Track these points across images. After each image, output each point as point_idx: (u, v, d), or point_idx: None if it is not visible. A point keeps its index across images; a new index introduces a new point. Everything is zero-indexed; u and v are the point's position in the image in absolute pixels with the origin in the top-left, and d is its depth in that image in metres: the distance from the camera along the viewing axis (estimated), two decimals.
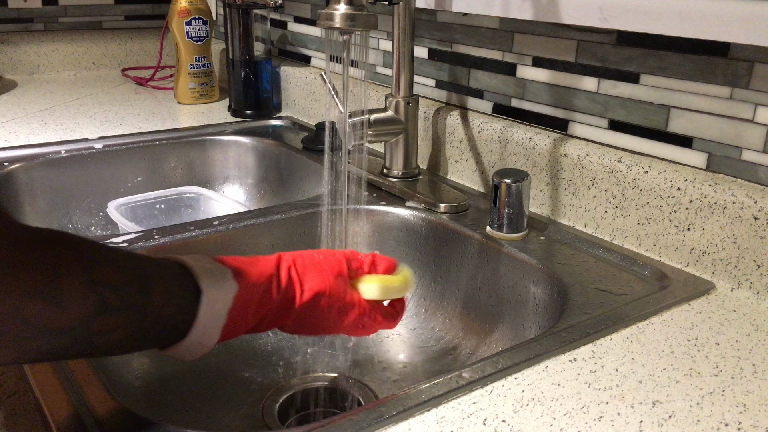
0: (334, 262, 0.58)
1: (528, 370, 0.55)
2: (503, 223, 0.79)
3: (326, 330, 0.58)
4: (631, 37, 0.77)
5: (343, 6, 0.70)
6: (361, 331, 0.60)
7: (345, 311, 0.57)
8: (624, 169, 0.77)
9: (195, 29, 1.38)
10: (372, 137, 0.92)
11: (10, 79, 1.58)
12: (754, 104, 0.68)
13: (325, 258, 0.58)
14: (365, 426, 0.47)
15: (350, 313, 0.57)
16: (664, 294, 0.67)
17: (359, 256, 0.61)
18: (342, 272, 0.57)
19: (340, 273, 0.57)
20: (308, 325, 0.57)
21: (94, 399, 0.49)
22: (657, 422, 0.49)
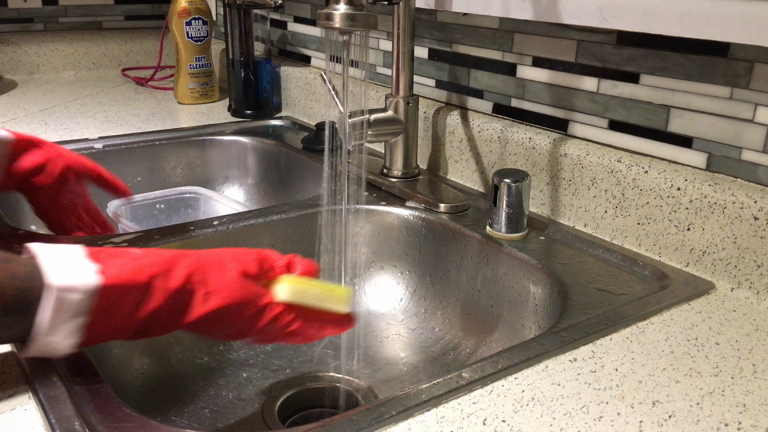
0: (240, 260, 0.54)
1: (528, 370, 0.55)
2: (503, 223, 0.79)
3: (239, 334, 0.55)
4: (631, 37, 0.77)
5: (343, 6, 0.70)
6: (282, 336, 0.56)
7: (257, 314, 0.53)
8: (624, 169, 0.77)
9: (195, 29, 1.38)
10: (372, 137, 0.92)
11: (10, 79, 1.58)
12: (754, 104, 0.68)
13: (232, 256, 0.55)
14: (365, 426, 0.47)
15: (263, 315, 0.54)
16: (664, 294, 0.67)
17: (273, 256, 0.58)
18: (249, 271, 0.54)
19: (247, 272, 0.54)
20: (217, 327, 0.53)
21: (93, 398, 0.49)
22: (657, 422, 0.49)
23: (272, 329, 0.54)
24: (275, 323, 0.54)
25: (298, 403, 0.75)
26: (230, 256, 0.55)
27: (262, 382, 0.76)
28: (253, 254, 0.56)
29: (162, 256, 0.52)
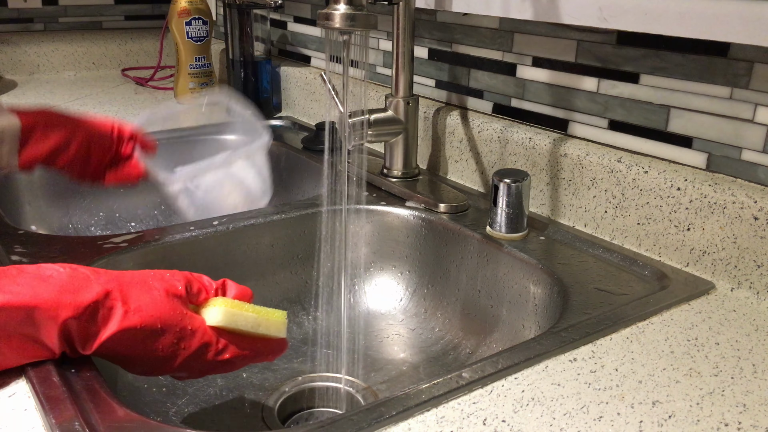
0: (166, 279, 0.50)
1: (528, 370, 0.55)
2: (503, 223, 0.79)
3: (164, 363, 0.50)
4: (631, 37, 0.77)
5: (343, 6, 0.70)
6: (212, 367, 0.51)
7: (183, 338, 0.49)
8: (624, 169, 0.77)
9: (195, 29, 1.38)
10: (372, 137, 0.92)
11: (10, 79, 1.58)
12: (754, 104, 0.68)
13: (156, 275, 0.51)
14: (365, 426, 0.47)
15: (191, 340, 0.49)
16: (664, 294, 0.67)
17: (203, 279, 0.53)
18: (176, 292, 0.50)
19: (174, 293, 0.50)
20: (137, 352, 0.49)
21: (94, 399, 0.49)
22: (657, 422, 0.49)
23: (201, 359, 0.50)
24: (205, 351, 0.50)
25: (298, 403, 0.75)
26: (154, 275, 0.51)
27: (262, 382, 0.76)
28: (181, 274, 0.52)
29: (75, 274, 0.48)
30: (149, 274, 0.51)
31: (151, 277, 0.51)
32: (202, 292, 0.53)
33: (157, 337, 0.49)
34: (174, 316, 0.49)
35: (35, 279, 0.47)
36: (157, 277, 0.51)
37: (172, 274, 0.52)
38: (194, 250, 0.80)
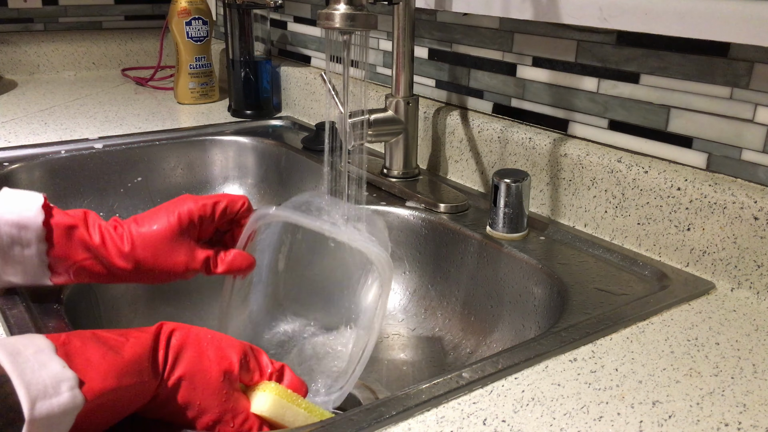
0: (224, 354, 0.49)
1: (528, 370, 0.55)
2: (503, 223, 0.79)
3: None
4: (631, 37, 0.77)
5: (343, 6, 0.70)
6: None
7: (223, 420, 0.48)
8: (624, 169, 0.77)
9: (195, 29, 1.38)
10: (372, 137, 0.92)
11: (10, 79, 1.58)
12: (754, 104, 0.68)
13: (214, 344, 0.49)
14: (365, 426, 0.47)
15: (230, 423, 0.48)
16: (664, 294, 0.67)
17: (262, 358, 0.51)
18: (229, 369, 0.48)
19: (227, 369, 0.48)
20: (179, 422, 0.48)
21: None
22: (657, 422, 0.49)
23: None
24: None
25: None
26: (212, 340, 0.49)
27: None
28: (240, 347, 0.50)
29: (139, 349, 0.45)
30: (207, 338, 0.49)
31: (209, 342, 0.49)
32: (256, 372, 0.51)
33: (200, 415, 0.48)
34: (220, 396, 0.48)
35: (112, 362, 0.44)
36: (215, 344, 0.49)
37: (231, 346, 0.49)
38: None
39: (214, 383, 0.48)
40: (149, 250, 0.59)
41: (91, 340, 0.43)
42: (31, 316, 0.60)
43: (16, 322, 0.59)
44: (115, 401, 0.43)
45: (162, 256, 0.60)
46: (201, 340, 0.49)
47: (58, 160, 1.07)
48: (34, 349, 0.40)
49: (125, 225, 0.60)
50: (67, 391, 0.39)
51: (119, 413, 0.45)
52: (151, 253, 0.59)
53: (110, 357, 0.42)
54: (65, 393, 0.39)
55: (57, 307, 0.62)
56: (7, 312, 0.60)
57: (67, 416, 0.39)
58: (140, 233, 0.60)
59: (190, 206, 0.61)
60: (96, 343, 0.43)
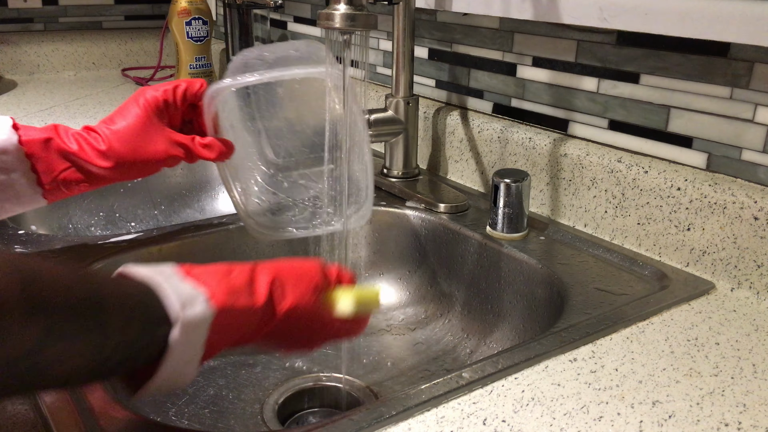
0: (311, 274, 0.53)
1: (528, 370, 0.55)
2: (503, 223, 0.79)
3: (300, 347, 0.55)
4: (631, 37, 0.77)
5: (343, 6, 0.70)
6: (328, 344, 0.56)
7: (321, 327, 0.54)
8: (624, 169, 0.77)
9: (195, 29, 1.38)
10: (372, 137, 0.92)
11: (10, 79, 1.58)
12: (754, 104, 0.68)
13: (303, 270, 0.53)
14: (365, 426, 0.47)
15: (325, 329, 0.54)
16: (664, 294, 0.67)
17: (329, 267, 0.56)
18: (319, 286, 0.53)
19: (317, 287, 0.53)
20: (283, 342, 0.53)
21: (94, 399, 0.49)
22: (657, 422, 0.49)
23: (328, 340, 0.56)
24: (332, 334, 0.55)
25: (297, 403, 0.75)
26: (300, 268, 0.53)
27: (262, 382, 0.76)
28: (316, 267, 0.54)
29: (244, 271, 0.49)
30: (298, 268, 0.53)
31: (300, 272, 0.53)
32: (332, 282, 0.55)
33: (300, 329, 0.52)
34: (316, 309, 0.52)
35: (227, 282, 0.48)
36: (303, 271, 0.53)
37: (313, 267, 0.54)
38: (194, 251, 0.80)
39: (313, 306, 0.52)
40: (126, 144, 0.61)
41: (206, 269, 0.47)
42: None
43: None
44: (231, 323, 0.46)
45: (140, 146, 0.61)
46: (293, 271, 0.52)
47: None
48: (169, 271, 0.45)
49: (97, 128, 0.62)
50: (202, 303, 0.44)
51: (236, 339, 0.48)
52: (129, 146, 0.61)
53: (224, 282, 0.47)
54: (201, 304, 0.44)
55: None
56: None
57: (203, 326, 0.44)
58: (113, 130, 0.61)
59: (152, 93, 0.63)
60: (211, 271, 0.47)
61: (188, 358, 0.44)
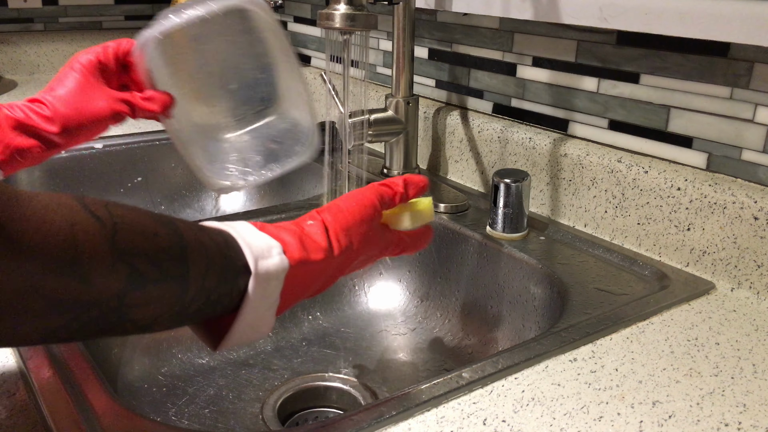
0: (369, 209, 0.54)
1: (528, 370, 0.55)
2: (503, 223, 0.79)
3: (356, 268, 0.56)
4: (631, 37, 0.77)
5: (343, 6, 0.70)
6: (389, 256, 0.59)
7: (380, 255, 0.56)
8: (624, 169, 0.77)
9: None
10: (372, 137, 0.92)
11: (10, 79, 1.58)
12: (754, 104, 0.68)
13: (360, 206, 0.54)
14: (365, 426, 0.47)
15: (383, 253, 0.56)
16: (664, 294, 0.67)
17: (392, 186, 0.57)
18: (377, 217, 0.54)
19: (375, 218, 0.54)
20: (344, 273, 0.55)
21: (94, 399, 0.49)
22: (657, 422, 0.49)
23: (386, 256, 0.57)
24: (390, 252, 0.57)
25: (297, 403, 0.75)
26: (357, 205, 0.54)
27: (262, 382, 0.76)
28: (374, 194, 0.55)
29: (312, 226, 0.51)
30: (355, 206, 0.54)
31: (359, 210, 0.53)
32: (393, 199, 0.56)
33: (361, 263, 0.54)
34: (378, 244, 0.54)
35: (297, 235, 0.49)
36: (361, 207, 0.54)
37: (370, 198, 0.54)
38: None
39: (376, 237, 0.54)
40: (70, 107, 0.62)
41: (278, 225, 0.49)
42: None
43: None
44: (307, 275, 0.48)
45: (83, 107, 0.63)
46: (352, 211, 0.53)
47: (58, 160, 1.07)
48: (244, 224, 0.47)
49: (39, 96, 0.63)
50: (277, 255, 0.45)
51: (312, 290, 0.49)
52: (73, 108, 0.62)
53: (298, 236, 0.48)
54: (276, 256, 0.45)
55: None
56: None
57: (279, 277, 0.45)
58: (55, 96, 0.63)
59: (86, 56, 0.65)
60: (283, 227, 0.49)
61: (265, 308, 0.45)
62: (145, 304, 0.38)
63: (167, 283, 0.39)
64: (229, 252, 0.43)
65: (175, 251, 0.40)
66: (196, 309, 0.42)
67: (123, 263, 0.36)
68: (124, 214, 0.38)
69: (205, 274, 0.41)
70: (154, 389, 0.72)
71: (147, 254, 0.38)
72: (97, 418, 0.48)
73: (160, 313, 0.39)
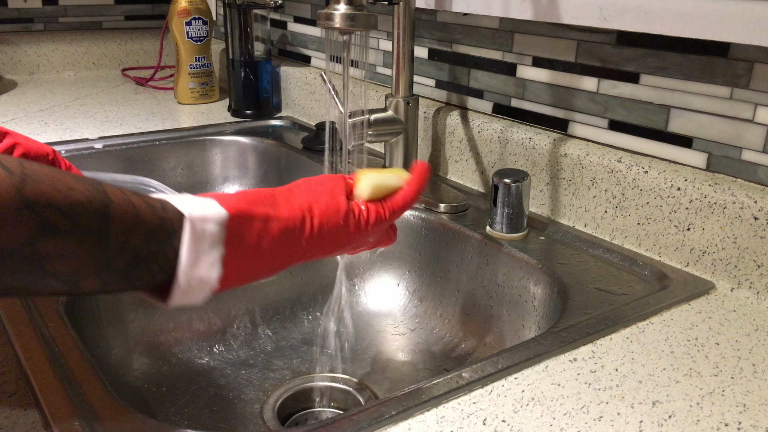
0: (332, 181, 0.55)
1: (528, 370, 0.55)
2: (503, 223, 0.79)
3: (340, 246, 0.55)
4: (631, 37, 0.77)
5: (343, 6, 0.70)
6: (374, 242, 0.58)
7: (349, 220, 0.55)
8: (624, 169, 0.77)
9: (195, 29, 1.38)
10: (372, 137, 0.92)
11: (10, 79, 1.58)
12: (754, 104, 0.68)
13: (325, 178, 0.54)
14: (365, 426, 0.47)
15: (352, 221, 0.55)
16: (664, 294, 0.67)
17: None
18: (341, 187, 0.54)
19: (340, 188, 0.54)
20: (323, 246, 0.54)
21: (94, 399, 0.49)
22: (657, 422, 0.49)
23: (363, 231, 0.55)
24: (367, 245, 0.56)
25: (297, 403, 0.75)
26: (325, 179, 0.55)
27: (262, 382, 0.76)
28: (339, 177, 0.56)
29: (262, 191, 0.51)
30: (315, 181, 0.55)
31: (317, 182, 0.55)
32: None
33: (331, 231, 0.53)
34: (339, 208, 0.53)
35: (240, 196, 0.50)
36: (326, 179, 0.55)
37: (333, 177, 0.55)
38: None
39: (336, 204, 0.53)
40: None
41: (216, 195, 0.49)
42: (30, 317, 0.60)
43: (16, 322, 0.59)
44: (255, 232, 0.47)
45: None
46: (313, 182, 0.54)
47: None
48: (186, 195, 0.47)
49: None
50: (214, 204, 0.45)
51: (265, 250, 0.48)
52: None
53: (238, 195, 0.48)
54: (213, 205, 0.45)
55: (57, 308, 0.62)
56: (7, 312, 0.60)
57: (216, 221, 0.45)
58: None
59: None
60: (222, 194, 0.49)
61: (207, 255, 0.44)
62: (62, 256, 0.38)
63: (82, 235, 0.39)
64: (165, 214, 0.43)
65: (93, 206, 0.40)
66: (123, 266, 0.41)
67: (31, 212, 0.36)
68: (39, 170, 0.38)
69: (131, 230, 0.41)
70: (154, 389, 0.72)
71: (58, 205, 0.38)
72: (97, 418, 0.48)
73: (80, 267, 0.39)
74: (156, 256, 0.43)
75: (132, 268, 0.42)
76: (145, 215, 0.42)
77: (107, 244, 0.40)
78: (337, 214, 0.53)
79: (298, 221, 0.50)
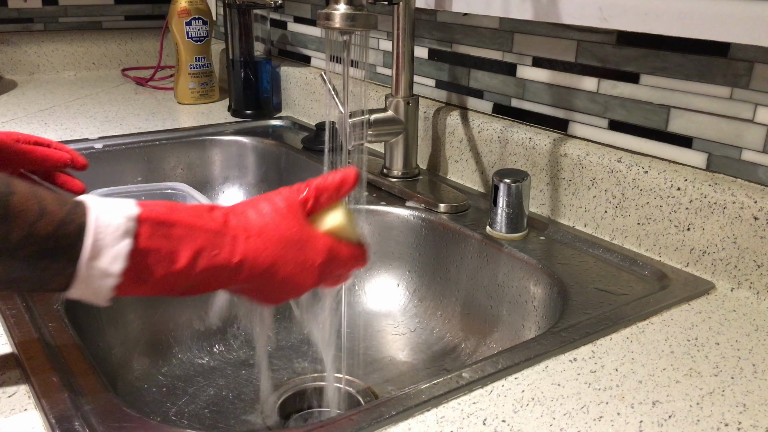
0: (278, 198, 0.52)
1: (528, 370, 0.55)
2: (503, 223, 0.79)
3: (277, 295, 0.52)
4: (631, 37, 0.77)
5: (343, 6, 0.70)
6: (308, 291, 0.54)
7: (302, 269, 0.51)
8: (624, 169, 0.77)
9: (195, 29, 1.38)
10: (372, 137, 0.92)
11: (10, 79, 1.58)
12: (754, 104, 0.68)
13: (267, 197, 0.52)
14: (365, 426, 0.47)
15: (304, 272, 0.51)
16: (664, 294, 0.67)
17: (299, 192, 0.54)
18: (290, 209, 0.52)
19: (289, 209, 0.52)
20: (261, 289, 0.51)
21: (94, 399, 0.49)
22: (657, 422, 0.49)
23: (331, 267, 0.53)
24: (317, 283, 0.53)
25: (298, 403, 0.75)
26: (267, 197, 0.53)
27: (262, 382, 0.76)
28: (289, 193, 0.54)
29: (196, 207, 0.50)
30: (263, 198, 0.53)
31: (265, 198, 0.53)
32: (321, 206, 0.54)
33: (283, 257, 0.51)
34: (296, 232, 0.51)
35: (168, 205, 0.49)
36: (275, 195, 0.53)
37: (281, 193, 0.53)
38: None
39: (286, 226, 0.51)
40: None
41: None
42: (30, 317, 0.60)
43: (16, 322, 0.59)
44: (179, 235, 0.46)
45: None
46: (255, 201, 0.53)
47: None
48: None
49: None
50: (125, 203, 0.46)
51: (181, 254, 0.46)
52: None
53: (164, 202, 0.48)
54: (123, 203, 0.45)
55: (57, 308, 0.62)
56: (7, 312, 0.60)
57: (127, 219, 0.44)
58: None
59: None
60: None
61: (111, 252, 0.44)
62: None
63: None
64: (76, 209, 0.44)
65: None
66: (29, 255, 0.42)
67: None
68: None
69: (36, 221, 0.42)
70: (154, 389, 0.72)
71: None
72: (97, 418, 0.48)
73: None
74: (65, 249, 0.43)
75: (39, 258, 0.43)
76: (53, 209, 0.43)
77: (10, 233, 0.41)
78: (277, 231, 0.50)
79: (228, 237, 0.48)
